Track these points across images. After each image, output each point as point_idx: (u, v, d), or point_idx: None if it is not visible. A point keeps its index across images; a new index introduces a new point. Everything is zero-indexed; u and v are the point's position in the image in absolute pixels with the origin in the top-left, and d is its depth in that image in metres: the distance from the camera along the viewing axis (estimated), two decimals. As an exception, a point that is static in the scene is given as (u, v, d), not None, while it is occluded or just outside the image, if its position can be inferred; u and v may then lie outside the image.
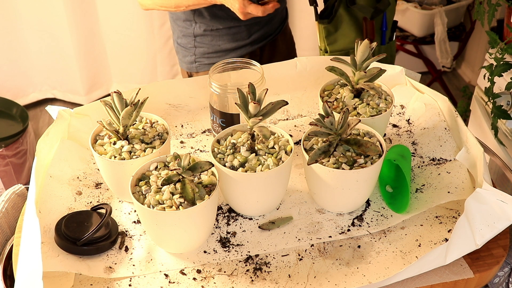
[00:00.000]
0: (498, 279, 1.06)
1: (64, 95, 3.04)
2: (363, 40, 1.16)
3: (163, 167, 1.04)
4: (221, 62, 1.25)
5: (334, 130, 1.03)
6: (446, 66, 2.63)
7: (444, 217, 1.09)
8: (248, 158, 1.04)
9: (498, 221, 0.99)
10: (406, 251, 1.03)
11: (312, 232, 1.07)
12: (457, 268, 1.00)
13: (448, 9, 2.56)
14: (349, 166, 1.02)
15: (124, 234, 1.08)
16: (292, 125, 1.34)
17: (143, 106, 1.10)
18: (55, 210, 1.09)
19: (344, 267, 1.00)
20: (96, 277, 1.00)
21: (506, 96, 1.86)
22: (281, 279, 0.99)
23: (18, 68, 2.90)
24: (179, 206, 0.96)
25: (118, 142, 1.09)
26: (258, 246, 1.05)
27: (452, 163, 1.19)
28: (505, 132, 1.94)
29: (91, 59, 2.93)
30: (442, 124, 1.27)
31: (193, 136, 1.31)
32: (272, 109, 1.07)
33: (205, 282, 0.99)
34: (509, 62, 1.76)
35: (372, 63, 1.20)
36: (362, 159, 1.03)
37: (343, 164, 1.02)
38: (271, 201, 1.09)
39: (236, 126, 1.13)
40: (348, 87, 1.22)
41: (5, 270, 1.05)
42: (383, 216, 1.10)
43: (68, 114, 1.24)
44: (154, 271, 1.01)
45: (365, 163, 1.03)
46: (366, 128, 1.10)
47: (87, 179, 1.19)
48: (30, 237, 0.96)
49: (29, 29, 2.80)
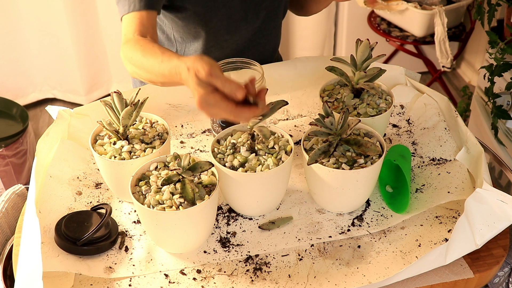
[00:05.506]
0: (498, 279, 1.06)
1: (64, 95, 3.04)
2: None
3: (163, 167, 1.04)
4: (221, 62, 1.25)
5: (334, 130, 1.03)
6: (446, 66, 2.63)
7: (444, 217, 1.09)
8: (248, 158, 1.04)
9: (498, 221, 0.99)
10: (406, 251, 1.03)
11: (312, 232, 1.07)
12: (457, 268, 1.00)
13: (448, 9, 2.56)
14: (349, 166, 1.02)
15: (124, 234, 1.08)
16: (292, 125, 1.34)
17: (143, 106, 1.10)
18: (55, 210, 1.09)
19: (344, 267, 1.00)
20: (96, 277, 1.00)
21: (506, 96, 1.86)
22: (281, 279, 0.99)
23: (18, 68, 2.90)
24: (179, 206, 0.96)
25: (118, 142, 1.09)
26: (258, 246, 1.05)
27: (452, 163, 1.19)
28: (505, 132, 1.94)
29: (91, 59, 2.93)
30: (442, 124, 1.27)
31: (193, 136, 1.31)
32: (272, 109, 1.07)
33: (205, 282, 0.99)
34: (509, 62, 1.76)
35: (372, 63, 1.20)
36: (362, 159, 1.03)
37: (343, 164, 1.02)
38: (271, 201, 1.09)
39: (236, 126, 1.13)
40: (348, 87, 1.22)
41: (5, 270, 1.05)
42: (383, 216, 1.10)
43: (68, 114, 1.24)
44: (154, 271, 1.01)
45: (365, 163, 1.03)
46: (366, 128, 1.10)
47: (87, 179, 1.19)
48: (30, 237, 0.96)
49: (29, 29, 2.80)
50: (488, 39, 1.88)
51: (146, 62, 1.06)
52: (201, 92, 0.90)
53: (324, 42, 3.00)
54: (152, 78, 1.07)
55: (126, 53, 1.12)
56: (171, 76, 0.99)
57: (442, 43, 2.54)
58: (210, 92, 0.90)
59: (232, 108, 0.90)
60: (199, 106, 0.91)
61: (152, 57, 1.05)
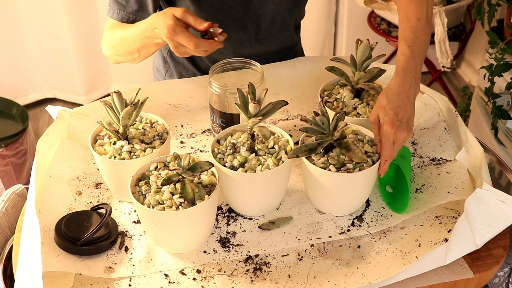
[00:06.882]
0: (498, 279, 1.06)
1: (64, 95, 3.04)
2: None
3: (163, 167, 1.04)
4: (221, 62, 1.25)
5: (326, 130, 1.03)
6: (446, 66, 2.63)
7: (444, 217, 1.09)
8: (248, 158, 1.04)
9: (498, 221, 0.99)
10: (406, 251, 1.03)
11: (312, 232, 1.07)
12: (457, 268, 1.00)
13: (448, 9, 2.56)
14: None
15: (124, 234, 1.08)
16: (292, 125, 1.34)
17: (143, 106, 1.10)
18: (55, 210, 1.09)
19: (344, 267, 1.00)
20: (96, 277, 1.00)
21: (506, 96, 1.86)
22: (281, 279, 0.99)
23: (18, 68, 2.90)
24: (179, 206, 0.96)
25: (118, 142, 1.09)
26: (258, 246, 1.05)
27: (452, 163, 1.19)
28: (505, 132, 1.94)
29: (91, 59, 2.93)
30: (442, 124, 1.27)
31: (193, 136, 1.31)
32: (272, 109, 1.07)
33: (205, 282, 0.99)
34: (509, 62, 1.76)
35: (372, 63, 1.20)
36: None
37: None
38: (271, 201, 1.09)
39: (236, 126, 1.13)
40: (348, 87, 1.22)
41: (5, 270, 1.05)
42: (383, 216, 1.10)
43: (68, 114, 1.24)
44: (154, 271, 1.01)
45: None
46: (366, 132, 1.10)
47: (87, 179, 1.19)
48: (30, 237, 0.96)
49: (29, 29, 2.80)
50: (488, 39, 1.88)
51: (124, 33, 1.22)
52: (170, 23, 1.09)
53: (324, 42, 3.01)
54: (130, 46, 1.22)
55: (105, 38, 1.29)
56: (146, 30, 1.16)
57: (442, 43, 2.54)
58: (179, 24, 1.09)
59: (195, 38, 1.08)
60: (168, 36, 1.09)
61: (130, 26, 1.23)
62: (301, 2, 1.40)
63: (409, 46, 1.12)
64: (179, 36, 1.08)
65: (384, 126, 1.04)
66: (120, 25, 1.26)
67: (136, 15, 1.26)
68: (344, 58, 1.21)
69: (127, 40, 1.23)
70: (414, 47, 1.12)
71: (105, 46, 1.29)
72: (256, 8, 1.33)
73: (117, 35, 1.25)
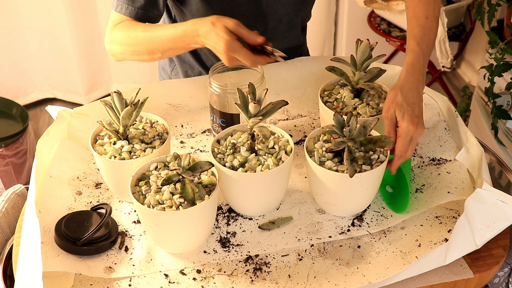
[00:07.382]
0: (498, 279, 1.06)
1: (64, 95, 3.04)
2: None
3: (163, 167, 1.04)
4: (221, 62, 1.24)
5: (348, 136, 1.03)
6: (446, 66, 2.63)
7: (444, 217, 1.09)
8: (248, 158, 1.04)
9: (498, 221, 0.99)
10: (406, 251, 1.03)
11: (312, 232, 1.07)
12: (457, 268, 1.00)
13: (448, 9, 2.56)
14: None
15: (124, 234, 1.08)
16: (292, 125, 1.34)
17: (143, 106, 1.10)
18: (55, 210, 1.09)
19: (344, 267, 1.00)
20: (96, 277, 1.00)
21: (506, 96, 1.86)
22: (281, 279, 0.99)
23: (18, 68, 2.90)
24: (179, 206, 0.96)
25: (118, 142, 1.09)
26: (258, 246, 1.05)
27: (452, 163, 1.19)
28: (505, 132, 1.94)
29: (91, 59, 2.93)
30: (442, 124, 1.27)
31: (193, 136, 1.31)
32: (272, 109, 1.07)
33: (205, 282, 0.99)
34: (509, 62, 1.76)
35: (372, 63, 1.20)
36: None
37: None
38: (271, 201, 1.09)
39: (236, 126, 1.13)
40: (348, 87, 1.22)
41: (5, 270, 1.05)
42: (383, 216, 1.10)
43: (68, 114, 1.24)
44: (154, 271, 1.01)
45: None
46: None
47: (87, 179, 1.19)
48: (30, 237, 0.96)
49: (29, 29, 2.80)
50: (488, 39, 1.88)
51: (149, 34, 1.20)
52: (228, 38, 1.09)
53: (324, 42, 3.00)
54: (156, 47, 1.20)
55: (116, 36, 1.25)
56: (185, 36, 1.15)
57: (442, 43, 2.54)
58: (235, 39, 1.09)
59: (252, 57, 1.10)
60: (225, 50, 1.09)
61: (156, 27, 1.21)
62: (308, 2, 1.41)
63: (418, 43, 1.14)
64: (237, 53, 1.09)
65: (404, 123, 1.05)
66: (136, 24, 1.23)
67: (145, 10, 1.25)
68: (344, 58, 1.21)
69: (152, 41, 1.20)
70: (423, 44, 1.14)
71: (116, 43, 1.25)
72: (264, 7, 1.34)
73: (137, 35, 1.21)
